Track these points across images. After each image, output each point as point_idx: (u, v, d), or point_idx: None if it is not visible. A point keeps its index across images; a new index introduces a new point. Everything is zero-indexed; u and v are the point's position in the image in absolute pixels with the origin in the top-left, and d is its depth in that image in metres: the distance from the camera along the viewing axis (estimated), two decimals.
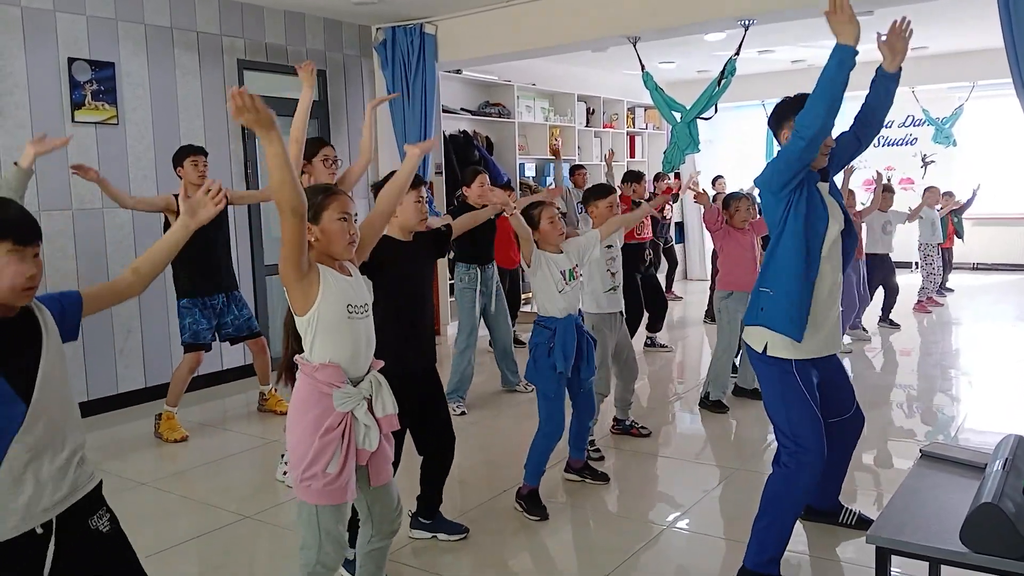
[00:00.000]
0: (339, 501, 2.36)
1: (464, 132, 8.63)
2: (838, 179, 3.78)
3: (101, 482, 2.04)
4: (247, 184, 6.46)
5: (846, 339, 7.03)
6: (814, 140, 2.70)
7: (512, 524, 3.67)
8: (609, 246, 4.40)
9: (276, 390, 5.50)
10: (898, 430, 4.99)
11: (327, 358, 2.35)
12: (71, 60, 5.44)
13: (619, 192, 5.78)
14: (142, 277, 2.23)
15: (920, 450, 2.41)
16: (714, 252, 7.49)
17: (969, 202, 9.86)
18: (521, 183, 9.04)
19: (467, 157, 8.40)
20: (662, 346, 7.31)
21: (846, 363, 6.58)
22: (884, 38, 2.99)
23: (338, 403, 2.33)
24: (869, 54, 2.84)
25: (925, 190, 8.84)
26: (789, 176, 2.81)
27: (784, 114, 2.99)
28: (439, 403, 3.36)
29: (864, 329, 7.55)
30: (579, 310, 3.90)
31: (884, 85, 3.02)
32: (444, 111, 8.07)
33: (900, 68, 2.98)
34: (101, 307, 2.14)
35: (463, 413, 5.31)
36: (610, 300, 4.44)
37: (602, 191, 4.40)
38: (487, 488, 4.08)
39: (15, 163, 4.06)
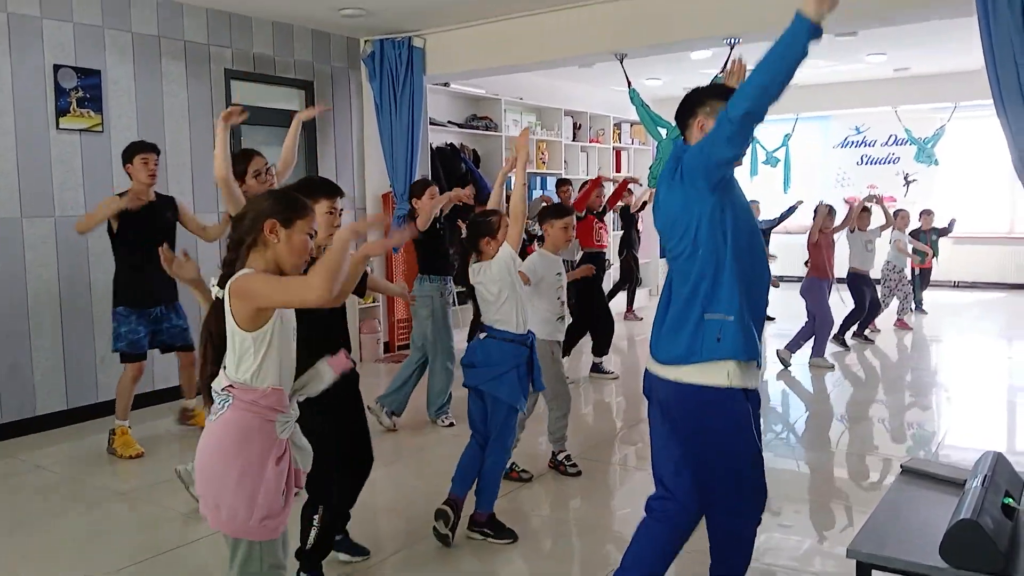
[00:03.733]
0: (279, 533, 2.21)
1: (451, 145, 8.64)
2: None
3: None
4: None
5: (829, 357, 7.07)
6: (745, 121, 2.26)
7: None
8: (558, 273, 4.32)
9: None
10: (879, 445, 5.02)
11: (273, 382, 2.15)
12: (57, 67, 5.41)
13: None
14: None
15: (901, 465, 2.43)
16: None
17: (945, 231, 9.93)
18: (507, 196, 9.05)
19: (454, 170, 8.41)
20: (607, 372, 6.76)
21: (827, 379, 6.62)
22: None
23: (280, 430, 2.18)
24: (855, 74, 2.86)
25: (895, 213, 8.92)
26: (719, 175, 2.41)
27: (698, 99, 2.63)
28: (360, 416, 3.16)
29: (869, 335, 7.61)
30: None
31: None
32: (431, 124, 8.09)
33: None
34: None
35: (451, 425, 5.30)
36: (557, 328, 4.30)
37: (559, 212, 4.34)
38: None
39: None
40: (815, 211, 7.06)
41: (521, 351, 3.54)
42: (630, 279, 9.45)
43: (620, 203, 8.77)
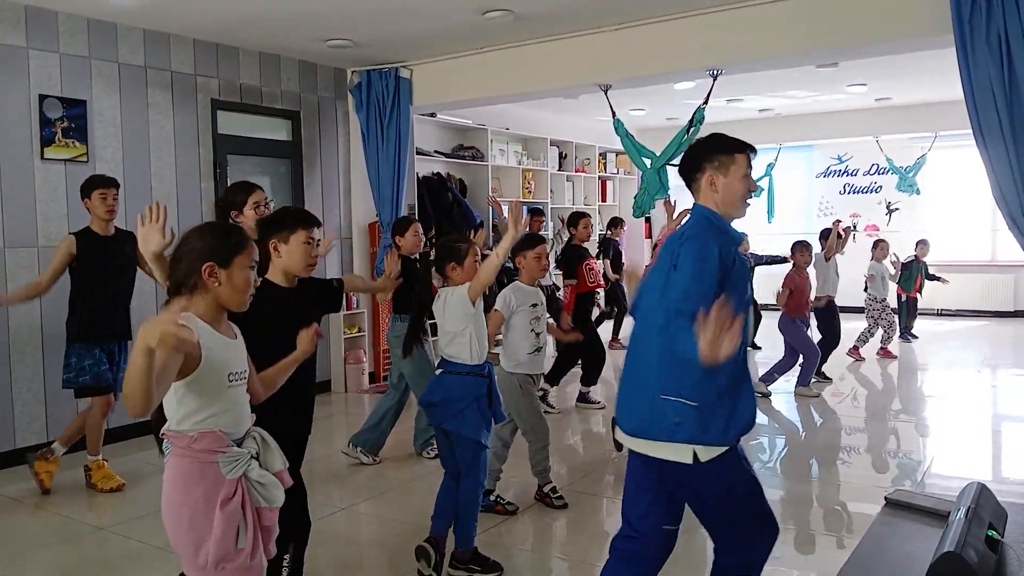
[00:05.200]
0: (257, 573, 2.12)
1: (437, 174, 8.67)
2: None
3: None
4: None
5: (814, 387, 7.08)
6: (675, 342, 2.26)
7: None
8: (534, 304, 4.20)
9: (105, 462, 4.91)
10: (864, 476, 5.01)
11: (205, 426, 2.08)
12: (42, 97, 5.41)
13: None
14: None
15: (885, 497, 2.42)
16: None
17: (932, 276, 9.96)
18: (494, 225, 9.09)
19: (441, 199, 8.44)
20: (594, 402, 6.74)
21: (812, 408, 6.63)
22: None
23: (227, 470, 2.08)
24: (837, 104, 2.89)
25: (875, 243, 8.96)
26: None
27: (703, 154, 2.53)
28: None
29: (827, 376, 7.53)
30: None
31: None
32: (418, 153, 8.12)
33: None
34: None
35: (437, 457, 5.24)
36: (532, 361, 4.21)
37: (531, 241, 4.22)
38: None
39: None
40: (792, 250, 6.99)
41: (479, 382, 3.45)
42: (617, 307, 9.46)
43: (606, 235, 8.78)
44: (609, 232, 9.59)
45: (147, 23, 5.92)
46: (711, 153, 2.51)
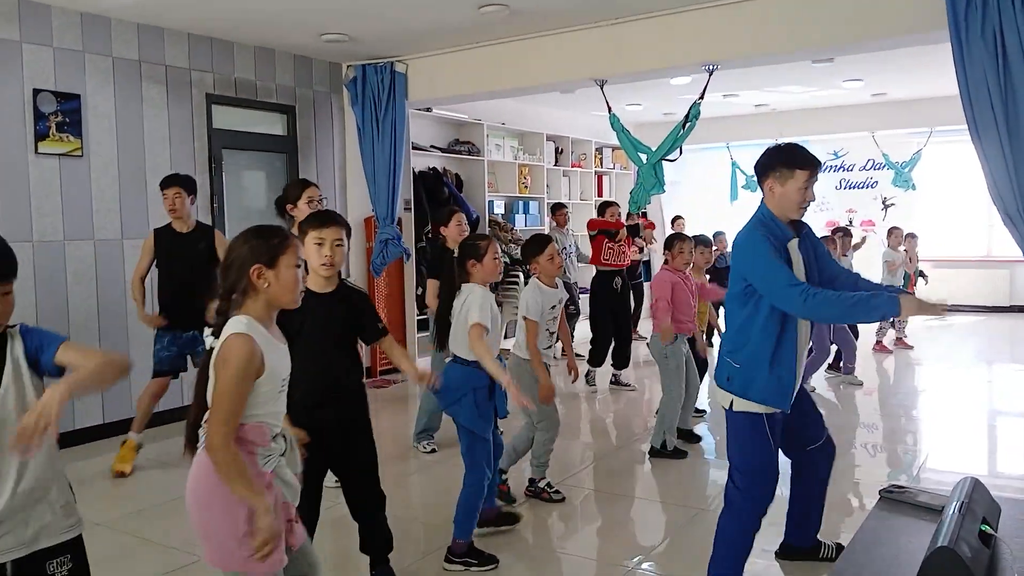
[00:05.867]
0: (280, 567, 2.19)
1: (434, 169, 8.66)
2: None
3: (80, 536, 2.00)
4: (212, 219, 6.40)
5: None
6: (785, 308, 2.88)
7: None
8: (553, 306, 4.21)
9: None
10: (860, 470, 5.03)
11: (251, 421, 2.18)
12: (36, 91, 5.39)
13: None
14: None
15: (879, 492, 2.43)
16: None
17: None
18: (490, 220, 9.09)
19: (437, 194, 8.43)
20: (626, 385, 7.23)
21: None
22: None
23: (263, 462, 2.19)
24: (833, 99, 2.93)
25: (889, 231, 9.01)
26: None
27: (770, 163, 3.01)
28: (360, 457, 3.17)
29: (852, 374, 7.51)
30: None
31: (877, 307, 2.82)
32: (414, 148, 8.11)
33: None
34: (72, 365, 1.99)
35: (433, 451, 5.27)
36: (545, 356, 4.21)
37: (538, 244, 4.20)
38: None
39: None
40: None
41: (479, 376, 3.48)
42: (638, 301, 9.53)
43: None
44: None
45: (141, 17, 5.90)
46: (775, 164, 2.98)
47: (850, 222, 8.91)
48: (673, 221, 10.23)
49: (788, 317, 2.93)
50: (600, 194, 11.54)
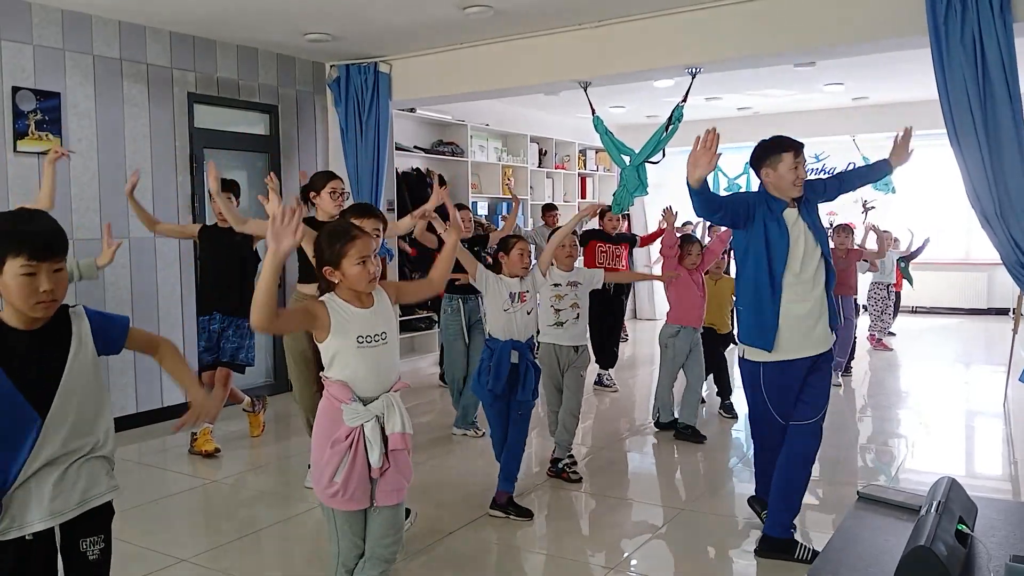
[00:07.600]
0: (344, 508, 2.53)
1: (417, 170, 8.65)
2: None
3: (111, 502, 2.14)
4: (193, 217, 6.37)
5: None
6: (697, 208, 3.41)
7: (459, 561, 3.62)
8: (556, 284, 4.58)
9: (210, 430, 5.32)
10: (840, 470, 5.05)
11: (339, 377, 2.55)
12: (15, 89, 5.34)
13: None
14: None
15: (857, 491, 2.45)
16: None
17: (919, 250, 10.01)
18: (475, 222, 9.07)
19: (420, 194, 8.41)
20: (607, 386, 7.20)
21: None
22: (897, 141, 3.85)
23: (347, 417, 2.52)
24: (814, 103, 2.97)
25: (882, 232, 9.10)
26: (716, 218, 3.55)
27: (762, 154, 3.49)
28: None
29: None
30: (532, 338, 4.23)
31: (880, 171, 3.86)
32: (397, 148, 8.09)
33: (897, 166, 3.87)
34: (140, 349, 2.31)
35: (484, 434, 5.41)
36: (555, 334, 4.63)
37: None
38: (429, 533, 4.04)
39: (95, 260, 4.23)
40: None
41: (488, 352, 4.08)
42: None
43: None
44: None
45: (122, 15, 5.85)
46: (765, 154, 3.45)
47: (831, 224, 8.96)
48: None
49: (761, 266, 3.39)
50: (584, 196, 11.57)
